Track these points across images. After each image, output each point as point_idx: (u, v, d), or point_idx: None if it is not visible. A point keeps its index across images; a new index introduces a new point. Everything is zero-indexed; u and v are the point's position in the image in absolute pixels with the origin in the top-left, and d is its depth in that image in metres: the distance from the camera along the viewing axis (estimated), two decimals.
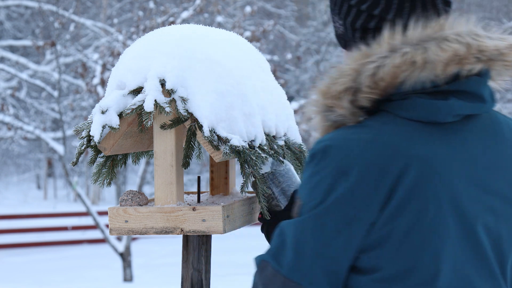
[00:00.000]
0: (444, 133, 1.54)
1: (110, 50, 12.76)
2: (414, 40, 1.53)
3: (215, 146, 2.00)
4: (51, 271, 12.58)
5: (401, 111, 1.53)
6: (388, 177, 1.48)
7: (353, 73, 1.54)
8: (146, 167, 11.53)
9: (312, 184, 1.52)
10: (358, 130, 1.53)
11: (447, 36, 1.52)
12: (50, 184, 30.14)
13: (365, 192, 1.48)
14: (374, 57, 1.53)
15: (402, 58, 1.51)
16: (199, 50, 2.10)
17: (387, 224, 1.49)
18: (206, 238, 2.17)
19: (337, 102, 1.55)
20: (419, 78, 1.51)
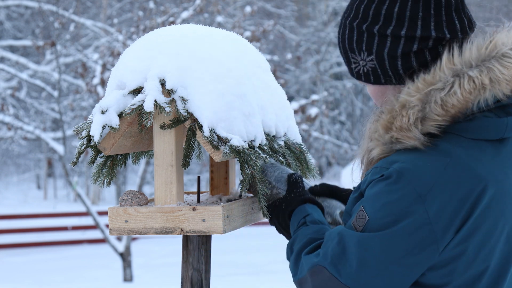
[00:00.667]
0: (504, 146, 1.57)
1: (110, 50, 12.77)
2: (474, 61, 1.54)
3: (215, 146, 2.00)
4: (51, 271, 12.58)
5: (468, 132, 1.55)
6: (468, 201, 1.51)
7: (419, 103, 1.54)
8: (146, 167, 11.53)
9: (383, 202, 1.52)
10: (432, 153, 1.53)
11: (505, 52, 1.54)
12: (50, 184, 30.14)
13: (445, 218, 1.50)
14: (439, 84, 1.53)
15: (471, 82, 1.52)
16: (199, 50, 2.10)
17: (461, 244, 1.52)
18: (206, 238, 2.17)
19: (407, 133, 1.55)
20: (484, 98, 1.53)
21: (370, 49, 1.63)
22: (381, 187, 1.53)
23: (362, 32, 1.63)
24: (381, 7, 1.61)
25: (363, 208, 1.55)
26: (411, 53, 1.59)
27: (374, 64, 1.63)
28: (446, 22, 1.58)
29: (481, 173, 1.52)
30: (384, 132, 1.58)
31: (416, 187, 1.50)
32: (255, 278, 11.18)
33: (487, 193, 1.52)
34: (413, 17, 1.58)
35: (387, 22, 1.59)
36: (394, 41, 1.59)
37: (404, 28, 1.58)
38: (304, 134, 15.50)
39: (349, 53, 1.67)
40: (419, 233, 1.49)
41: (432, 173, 1.50)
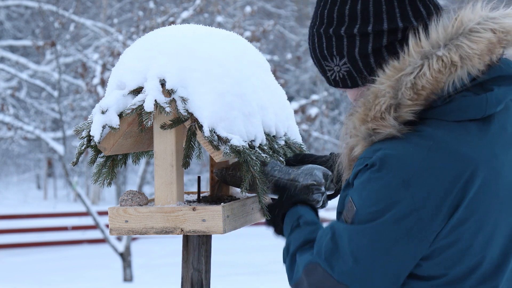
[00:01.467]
0: (489, 125, 1.53)
1: (110, 50, 12.77)
2: (441, 41, 1.51)
3: (215, 146, 2.00)
4: (51, 271, 12.58)
5: (448, 115, 1.51)
6: (457, 185, 1.47)
7: (391, 90, 1.51)
8: (146, 167, 11.53)
9: (369, 191, 1.50)
10: (413, 138, 1.50)
11: (472, 28, 1.51)
12: (50, 184, 30.14)
13: (433, 204, 1.46)
14: (408, 68, 1.51)
15: (439, 61, 1.49)
16: (199, 50, 2.10)
17: (453, 231, 1.48)
18: (206, 238, 2.17)
19: (382, 122, 1.52)
20: (458, 76, 1.50)
21: (341, 52, 1.60)
22: (366, 176, 1.50)
23: (329, 36, 1.61)
24: (343, 8, 1.58)
25: (351, 199, 1.53)
26: (382, 48, 1.57)
27: (348, 67, 1.61)
28: (412, 11, 1.56)
29: (468, 154, 1.48)
30: (361, 124, 1.55)
31: (400, 172, 1.46)
32: (255, 278, 11.18)
33: (478, 175, 1.47)
34: (377, 12, 1.56)
35: (353, 21, 1.57)
36: (363, 39, 1.57)
37: (370, 24, 1.56)
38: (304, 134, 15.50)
39: (322, 62, 1.65)
40: (407, 221, 1.46)
41: (414, 158, 1.47)
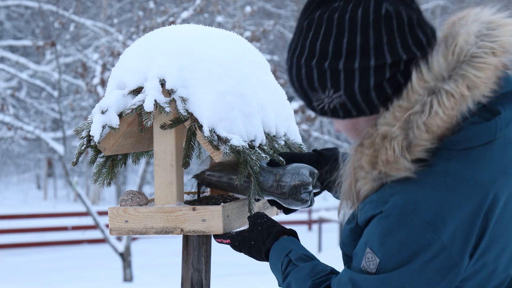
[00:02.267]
0: (494, 143, 1.49)
1: (110, 50, 12.77)
2: (444, 72, 1.45)
3: (215, 146, 2.00)
4: (51, 271, 12.58)
5: (458, 144, 1.46)
6: (480, 214, 1.43)
7: (401, 132, 1.44)
8: (146, 167, 11.53)
9: (392, 240, 1.44)
10: (428, 177, 1.44)
11: (473, 53, 1.46)
12: (50, 184, 30.13)
13: (460, 239, 1.42)
14: (417, 107, 1.43)
15: (450, 98, 1.43)
16: (199, 50, 2.10)
17: (481, 258, 1.46)
18: (206, 238, 2.17)
19: (396, 166, 1.45)
20: (467, 106, 1.45)
21: (337, 86, 1.49)
22: (385, 225, 1.44)
23: (323, 70, 1.49)
24: (340, 41, 1.47)
25: (370, 250, 1.47)
26: (384, 81, 1.47)
27: (343, 100, 1.50)
28: (413, 40, 1.48)
29: (485, 181, 1.44)
30: (371, 168, 1.48)
31: (422, 216, 1.41)
32: (255, 278, 11.18)
33: (499, 200, 1.44)
34: (378, 44, 1.45)
35: (351, 55, 1.46)
36: (363, 74, 1.47)
37: (372, 57, 1.45)
38: (304, 134, 15.49)
39: (309, 92, 1.53)
40: (437, 261, 1.42)
41: (433, 198, 1.42)
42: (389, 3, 1.47)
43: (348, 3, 1.48)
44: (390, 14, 1.46)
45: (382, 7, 1.46)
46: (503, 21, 1.52)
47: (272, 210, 2.35)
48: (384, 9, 1.46)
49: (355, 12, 1.46)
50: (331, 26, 1.47)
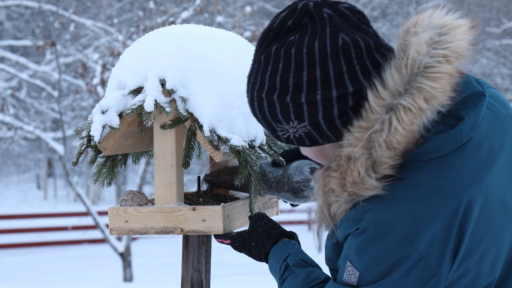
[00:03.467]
0: (464, 148, 1.48)
1: (110, 50, 12.77)
2: (400, 87, 1.43)
3: (215, 146, 2.00)
4: (51, 271, 12.58)
5: (426, 155, 1.45)
6: (455, 223, 1.43)
7: (364, 152, 1.44)
8: (146, 167, 11.53)
9: (370, 254, 1.45)
10: (399, 190, 1.44)
11: (426, 63, 1.44)
12: (50, 184, 30.13)
13: (437, 248, 1.43)
14: (377, 125, 1.43)
15: (408, 112, 1.42)
16: (199, 50, 2.10)
17: (462, 264, 1.46)
18: (206, 238, 2.17)
19: (363, 185, 1.45)
20: (427, 118, 1.44)
21: (300, 118, 1.48)
22: (361, 241, 1.46)
23: (285, 104, 1.48)
24: (300, 74, 1.45)
25: (350, 263, 1.48)
26: (348, 109, 1.47)
27: (307, 129, 1.50)
28: (372, 66, 1.46)
29: (457, 189, 1.43)
30: (341, 190, 1.48)
31: (397, 230, 1.42)
32: (255, 278, 11.17)
33: (474, 206, 1.44)
34: (338, 74, 1.45)
35: (313, 88, 1.45)
36: (326, 105, 1.46)
37: (333, 88, 1.45)
38: None
39: (273, 123, 1.52)
40: (416, 271, 1.43)
41: (407, 210, 1.42)
42: (344, 33, 1.46)
43: (304, 37, 1.47)
44: (348, 43, 1.45)
45: (338, 37, 1.46)
46: (455, 23, 1.50)
47: (273, 210, 2.35)
48: (340, 40, 1.46)
49: (312, 45, 1.45)
50: (289, 61, 1.46)
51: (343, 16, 1.48)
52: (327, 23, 1.46)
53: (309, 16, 1.48)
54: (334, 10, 1.49)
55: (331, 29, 1.46)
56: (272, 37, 1.51)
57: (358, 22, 1.49)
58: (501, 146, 1.52)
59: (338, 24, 1.47)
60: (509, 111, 1.59)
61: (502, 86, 25.83)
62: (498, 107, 1.57)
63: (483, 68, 26.43)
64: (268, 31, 1.52)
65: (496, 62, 26.23)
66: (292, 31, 1.49)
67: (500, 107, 1.57)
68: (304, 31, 1.47)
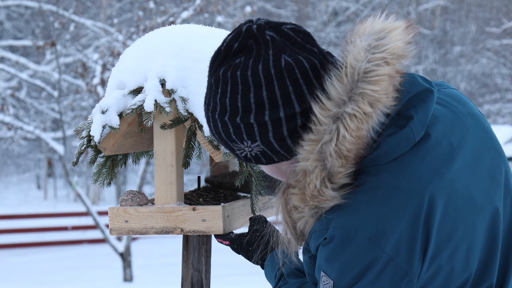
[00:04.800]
0: (422, 145, 1.49)
1: (110, 50, 12.77)
2: (344, 95, 1.44)
3: (215, 146, 2.00)
4: (51, 271, 12.58)
5: (382, 158, 1.46)
6: (420, 221, 1.44)
7: (318, 164, 1.45)
8: (146, 167, 11.53)
9: (340, 262, 1.46)
10: (360, 196, 1.46)
11: (365, 69, 1.45)
12: (50, 184, 30.13)
13: (405, 248, 1.43)
14: (326, 137, 1.44)
15: (353, 119, 1.43)
16: (199, 50, 2.10)
17: (433, 262, 1.46)
18: (206, 238, 2.17)
19: (322, 197, 1.47)
20: (375, 122, 1.45)
21: (253, 138, 1.51)
22: (330, 249, 1.47)
23: (237, 124, 1.50)
24: (247, 96, 1.48)
25: (324, 273, 1.50)
26: (297, 127, 1.48)
27: (262, 148, 1.52)
28: (318, 84, 1.47)
29: (418, 187, 1.44)
30: (303, 205, 1.50)
31: (363, 234, 1.43)
32: (255, 278, 11.18)
33: (437, 203, 1.45)
34: (285, 95, 1.46)
35: (260, 109, 1.47)
36: (275, 125, 1.48)
37: (281, 109, 1.47)
38: None
39: (229, 143, 1.55)
40: (387, 272, 1.44)
41: (370, 214, 1.44)
42: (287, 54, 1.47)
43: (248, 59, 1.48)
44: (291, 64, 1.47)
45: (281, 59, 1.47)
46: (392, 25, 1.52)
47: (272, 210, 2.35)
48: (283, 61, 1.47)
49: (256, 67, 1.47)
50: (236, 83, 1.49)
51: (286, 37, 1.50)
52: (270, 45, 1.48)
53: (254, 38, 1.50)
54: (277, 32, 1.50)
55: (274, 51, 1.48)
56: (220, 59, 1.53)
57: (302, 42, 1.51)
58: (461, 142, 1.53)
59: (281, 45, 1.48)
60: (469, 108, 1.60)
61: (502, 86, 25.82)
62: (456, 105, 1.58)
63: (483, 68, 26.43)
64: (217, 54, 1.55)
65: (496, 62, 26.22)
66: (238, 53, 1.51)
67: (458, 105, 1.59)
68: (249, 54, 1.49)
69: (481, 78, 26.53)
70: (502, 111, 24.97)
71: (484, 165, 1.55)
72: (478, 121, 1.59)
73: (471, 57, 26.49)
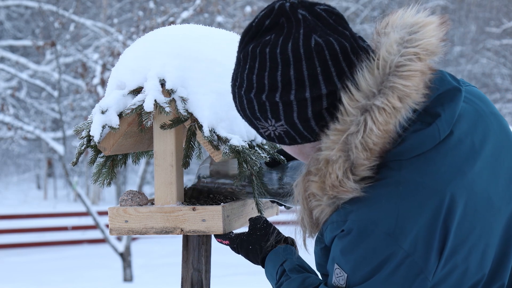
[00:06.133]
0: (445, 144, 1.48)
1: (110, 50, 12.76)
2: (374, 88, 1.43)
3: (215, 146, 2.00)
4: (51, 271, 12.58)
5: (405, 154, 1.46)
6: (439, 219, 1.43)
7: (342, 154, 1.44)
8: (146, 167, 11.53)
9: (356, 255, 1.45)
10: (381, 190, 1.45)
11: (397, 62, 1.44)
12: (50, 184, 30.13)
13: (422, 245, 1.43)
14: (352, 128, 1.43)
15: (382, 112, 1.42)
16: (199, 50, 2.10)
17: (449, 261, 1.46)
18: (206, 238, 2.17)
19: (342, 188, 1.45)
20: (402, 117, 1.45)
21: (277, 117, 1.50)
22: (347, 242, 1.46)
23: (262, 102, 1.50)
24: (275, 74, 1.47)
25: (338, 266, 1.49)
26: (322, 110, 1.47)
27: (285, 128, 1.51)
28: (348, 68, 1.46)
29: (439, 185, 1.44)
30: (322, 194, 1.49)
31: (381, 228, 1.43)
32: (255, 278, 11.18)
33: (457, 202, 1.44)
34: (312, 75, 1.45)
35: (287, 88, 1.46)
36: (301, 105, 1.47)
37: (307, 89, 1.46)
38: None
39: (253, 121, 1.55)
40: (403, 269, 1.43)
41: (390, 209, 1.43)
42: (318, 35, 1.46)
43: (279, 37, 1.48)
44: (321, 45, 1.46)
45: (311, 39, 1.46)
46: (425, 21, 1.51)
47: (272, 210, 2.35)
48: (313, 41, 1.46)
49: (286, 46, 1.46)
50: (264, 60, 1.48)
51: (318, 18, 1.49)
52: (301, 24, 1.47)
53: (286, 16, 1.49)
54: (310, 12, 1.49)
55: (305, 30, 1.47)
56: (250, 36, 1.52)
57: (334, 24, 1.49)
58: (483, 142, 1.52)
59: (312, 25, 1.47)
60: (490, 108, 1.59)
61: (502, 86, 25.83)
62: (479, 104, 1.57)
63: (483, 68, 26.43)
64: (248, 30, 1.53)
65: (496, 62, 26.22)
66: (269, 30, 1.50)
67: (481, 103, 1.58)
68: (280, 31, 1.48)
69: (481, 78, 26.54)
70: (502, 111, 24.99)
71: (503, 166, 1.54)
72: (499, 121, 1.58)
73: (471, 57, 26.50)
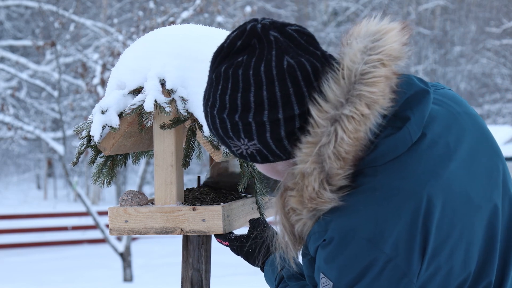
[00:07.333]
0: (418, 146, 1.49)
1: (110, 50, 12.77)
2: (341, 98, 1.44)
3: (215, 146, 2.00)
4: (51, 271, 12.58)
5: (379, 160, 1.46)
6: (418, 222, 1.44)
7: (316, 166, 1.45)
8: (146, 167, 11.54)
9: (339, 263, 1.46)
10: (358, 197, 1.46)
11: (362, 70, 1.45)
12: (50, 184, 30.12)
13: (403, 248, 1.43)
14: (324, 139, 1.44)
15: (351, 120, 1.43)
16: (199, 50, 2.10)
17: (432, 262, 1.46)
18: (206, 238, 2.17)
19: (321, 199, 1.46)
20: (372, 123, 1.45)
21: (250, 136, 1.50)
22: (329, 251, 1.47)
23: (235, 122, 1.50)
24: (248, 95, 1.47)
25: (323, 275, 1.50)
26: (295, 129, 1.48)
27: (258, 147, 1.52)
28: (319, 87, 1.47)
29: (415, 188, 1.45)
30: (301, 207, 1.49)
31: (361, 235, 1.43)
32: (255, 278, 11.18)
33: (435, 204, 1.45)
34: (285, 96, 1.46)
35: (260, 108, 1.47)
36: (274, 125, 1.48)
37: (280, 110, 1.47)
38: None
39: (226, 139, 1.55)
40: (386, 273, 1.44)
41: (368, 215, 1.44)
42: (290, 56, 1.47)
43: (251, 58, 1.48)
44: (293, 66, 1.47)
45: (283, 61, 1.47)
46: (387, 27, 1.52)
47: (273, 210, 2.35)
48: (286, 63, 1.47)
49: (258, 67, 1.47)
50: (237, 81, 1.48)
51: (290, 39, 1.49)
52: (273, 46, 1.48)
53: (257, 37, 1.49)
54: (281, 33, 1.50)
55: (277, 52, 1.47)
56: (222, 56, 1.53)
57: (306, 45, 1.50)
58: (458, 142, 1.53)
59: (284, 47, 1.48)
60: (465, 108, 1.60)
61: (502, 86, 25.82)
62: (453, 105, 1.58)
63: (483, 68, 26.43)
64: (219, 50, 1.54)
65: (496, 62, 26.22)
66: (241, 51, 1.50)
67: (454, 105, 1.59)
68: (252, 53, 1.49)
69: (481, 78, 26.54)
70: (502, 111, 24.97)
71: (481, 164, 1.55)
72: (475, 121, 1.59)
73: (471, 57, 26.49)
